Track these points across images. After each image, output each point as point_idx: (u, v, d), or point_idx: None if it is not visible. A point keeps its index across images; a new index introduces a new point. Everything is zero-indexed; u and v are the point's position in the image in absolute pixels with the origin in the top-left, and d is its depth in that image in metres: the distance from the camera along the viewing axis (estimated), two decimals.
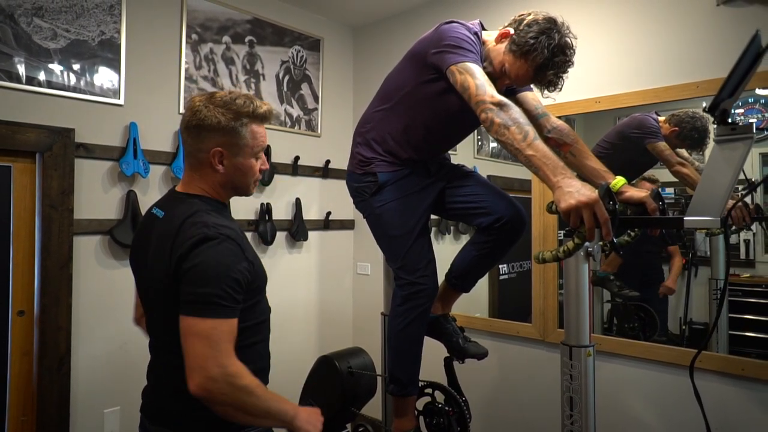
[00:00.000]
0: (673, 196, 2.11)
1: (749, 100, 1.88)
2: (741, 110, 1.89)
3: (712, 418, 1.34)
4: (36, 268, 2.05)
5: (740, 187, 1.78)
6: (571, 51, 1.37)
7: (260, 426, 1.15)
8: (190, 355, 1.05)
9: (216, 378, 1.03)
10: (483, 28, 1.53)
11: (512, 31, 1.40)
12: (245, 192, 1.30)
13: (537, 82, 1.42)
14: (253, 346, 1.22)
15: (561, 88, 1.43)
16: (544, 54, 1.34)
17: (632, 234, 1.45)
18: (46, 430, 2.03)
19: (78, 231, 2.12)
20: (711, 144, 1.93)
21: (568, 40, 1.37)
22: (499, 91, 1.32)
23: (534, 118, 1.58)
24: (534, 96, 1.63)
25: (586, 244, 1.17)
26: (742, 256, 1.94)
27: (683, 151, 2.04)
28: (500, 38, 1.45)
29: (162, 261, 1.14)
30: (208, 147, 1.19)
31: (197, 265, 1.08)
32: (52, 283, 2.04)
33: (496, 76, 1.45)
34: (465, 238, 2.79)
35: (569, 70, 1.40)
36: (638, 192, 1.39)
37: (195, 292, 1.07)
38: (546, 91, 1.43)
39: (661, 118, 2.06)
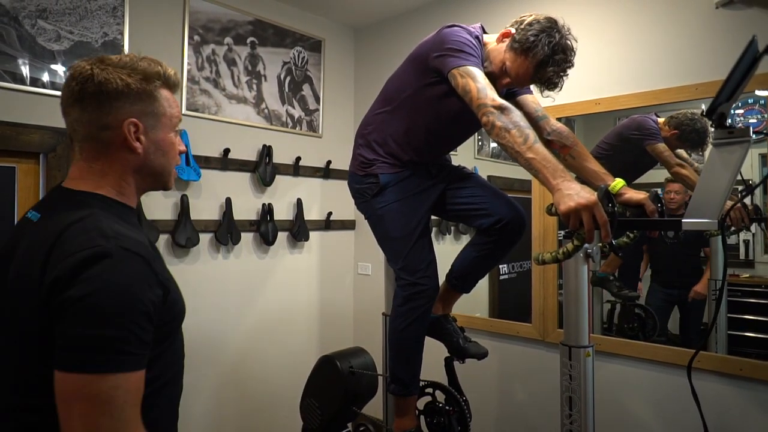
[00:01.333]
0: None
1: (749, 101, 1.89)
2: (741, 111, 1.90)
3: (710, 418, 1.36)
4: None
5: (739, 188, 1.79)
6: (571, 51, 1.39)
7: None
8: (79, 429, 0.72)
9: None
10: (484, 32, 1.55)
11: (513, 31, 1.42)
12: (165, 181, 1.01)
13: (537, 80, 1.44)
14: (154, 421, 0.83)
15: (561, 88, 1.44)
16: (544, 51, 1.35)
17: (631, 235, 1.47)
18: None
19: None
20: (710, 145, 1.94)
21: (568, 41, 1.38)
22: (499, 92, 1.33)
23: (534, 120, 1.59)
24: (534, 99, 1.64)
25: (586, 245, 1.19)
26: (742, 256, 1.95)
27: (683, 152, 2.05)
28: (501, 38, 1.47)
29: (26, 285, 0.79)
30: (118, 119, 0.88)
31: (89, 294, 0.74)
32: None
33: (496, 76, 1.47)
34: (465, 239, 2.80)
35: (569, 70, 1.41)
36: (637, 194, 1.40)
37: (86, 335, 0.73)
38: (546, 91, 1.45)
39: (661, 120, 2.07)
